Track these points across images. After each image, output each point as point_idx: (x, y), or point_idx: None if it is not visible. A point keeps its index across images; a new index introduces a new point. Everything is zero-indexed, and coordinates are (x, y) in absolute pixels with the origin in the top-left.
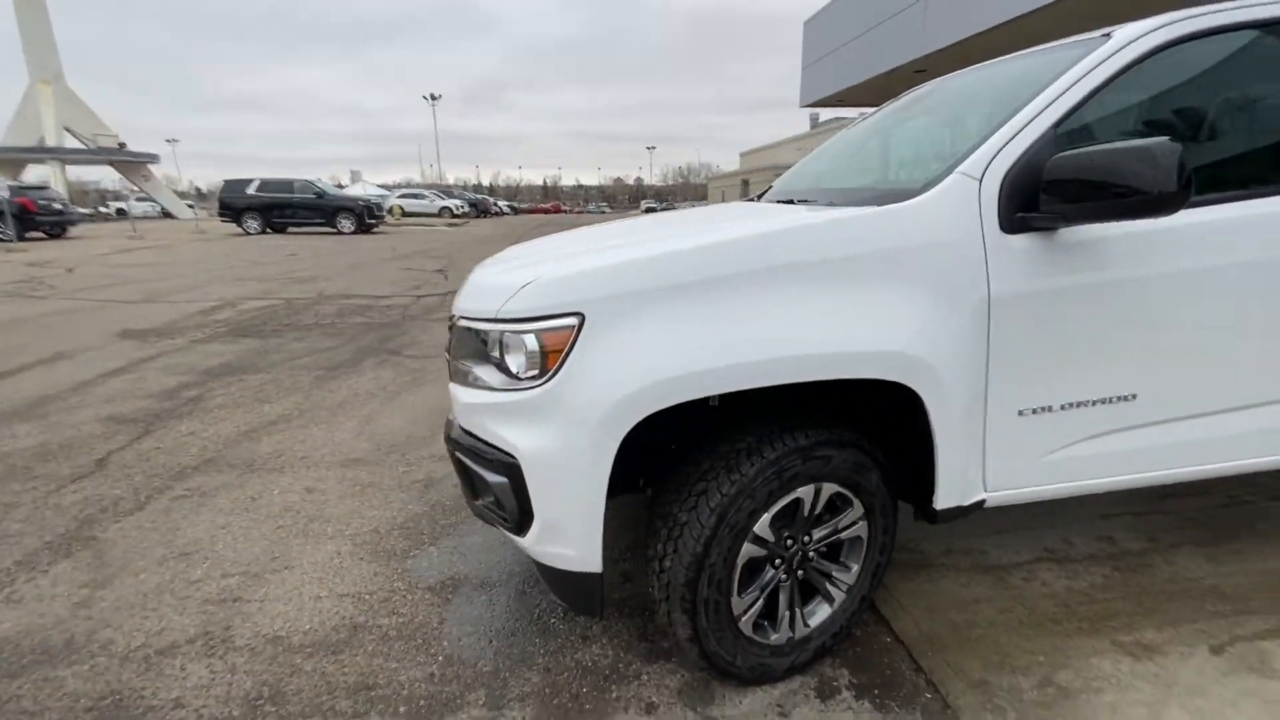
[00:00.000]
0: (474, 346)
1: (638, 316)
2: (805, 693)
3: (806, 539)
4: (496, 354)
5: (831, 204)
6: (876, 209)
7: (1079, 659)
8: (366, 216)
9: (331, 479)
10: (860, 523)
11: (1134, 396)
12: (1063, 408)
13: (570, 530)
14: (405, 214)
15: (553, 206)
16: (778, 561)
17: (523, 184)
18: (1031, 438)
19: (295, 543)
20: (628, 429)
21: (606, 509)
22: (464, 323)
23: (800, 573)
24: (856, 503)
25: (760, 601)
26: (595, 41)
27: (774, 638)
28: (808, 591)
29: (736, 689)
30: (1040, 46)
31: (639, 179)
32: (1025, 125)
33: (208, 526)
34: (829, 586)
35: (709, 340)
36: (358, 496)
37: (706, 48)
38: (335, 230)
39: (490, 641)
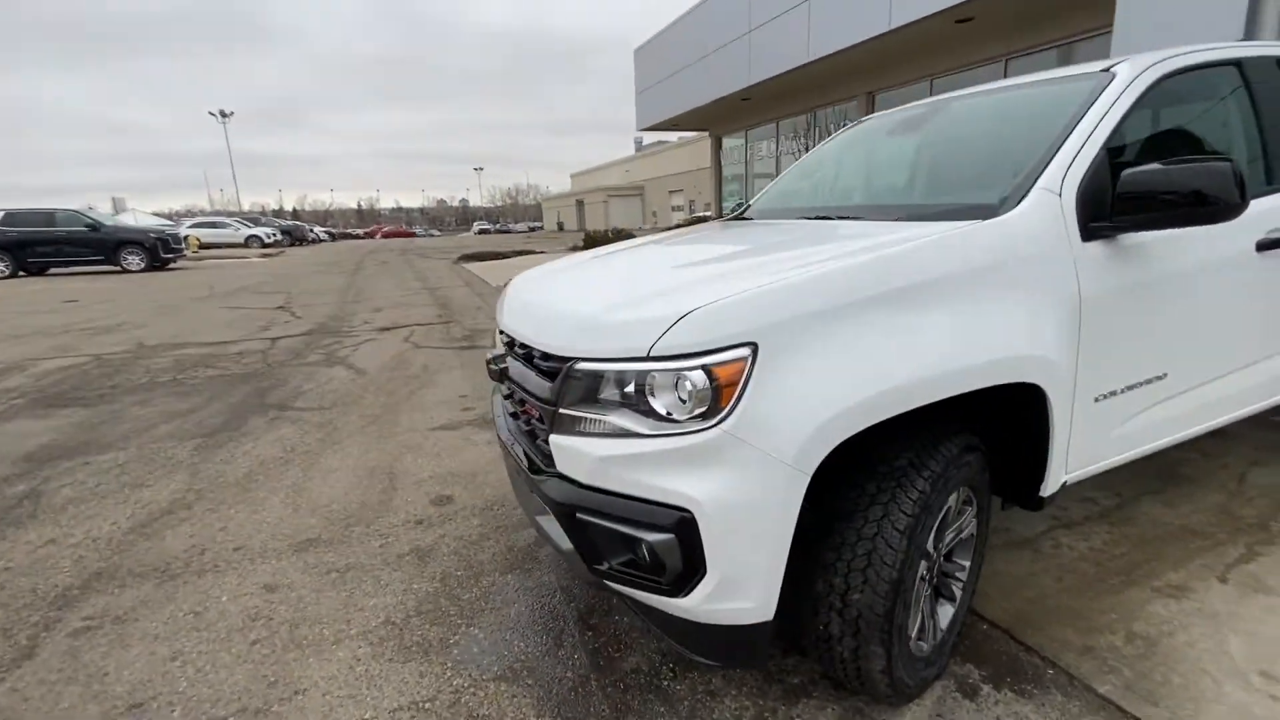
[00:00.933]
0: (602, 391)
1: (808, 342)
2: (951, 695)
3: (942, 544)
4: (642, 396)
5: (899, 219)
6: (981, 223)
7: (1139, 609)
8: (161, 250)
9: (292, 570)
10: (973, 520)
11: (1165, 375)
12: (1124, 390)
13: (751, 581)
14: (202, 245)
15: (396, 230)
16: (928, 571)
17: (334, 207)
18: (1102, 419)
19: (290, 658)
20: (819, 461)
21: None
22: (588, 366)
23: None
24: (975, 502)
25: (920, 616)
26: (409, 60)
27: (925, 648)
28: (935, 596)
29: (891, 709)
30: (1037, 76)
31: (464, 200)
32: (1082, 146)
33: (150, 661)
34: (952, 586)
35: (882, 361)
36: (339, 586)
37: (528, 70)
38: (119, 269)
39: None
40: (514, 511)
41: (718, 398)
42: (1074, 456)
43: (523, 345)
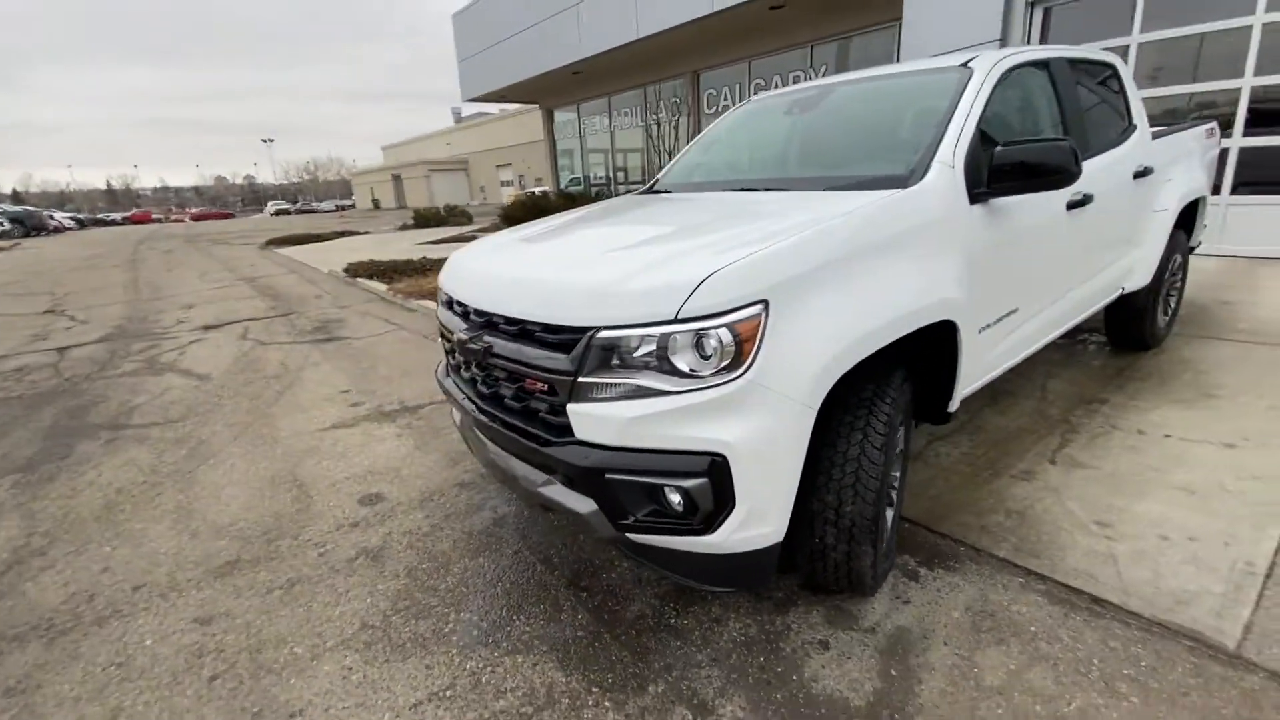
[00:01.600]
0: (625, 356)
1: (804, 295)
2: (901, 580)
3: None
4: (665, 357)
5: (825, 189)
6: (904, 191)
7: (1006, 492)
8: None
9: (222, 597)
10: (902, 438)
11: (1017, 310)
12: (995, 322)
13: (771, 508)
14: None
15: (208, 213)
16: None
17: (74, 188)
18: (983, 347)
19: (266, 684)
20: (823, 397)
21: None
22: (612, 334)
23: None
24: (904, 423)
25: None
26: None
27: (883, 546)
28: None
29: (861, 600)
30: (906, 66)
31: (250, 178)
32: (964, 125)
33: None
34: (892, 492)
35: (861, 306)
36: (289, 603)
37: (319, 28)
38: None
39: (640, 664)
40: (456, 499)
41: (740, 352)
42: (964, 379)
43: (513, 321)
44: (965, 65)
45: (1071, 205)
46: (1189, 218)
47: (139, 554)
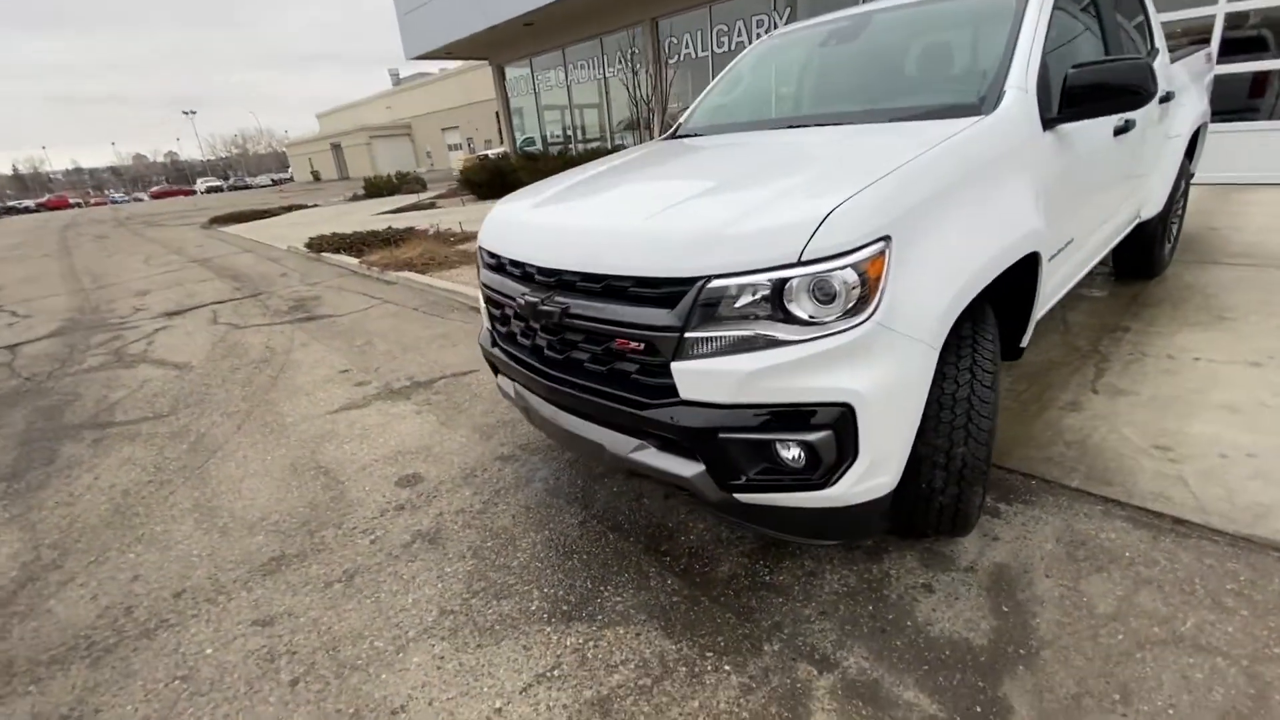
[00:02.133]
0: (739, 305)
1: (921, 229)
2: (986, 519)
3: None
4: (781, 304)
5: (894, 119)
6: (985, 118)
7: (1059, 423)
8: None
9: (277, 595)
10: None
11: (1073, 239)
12: (1059, 251)
13: (891, 457)
14: None
15: (169, 190)
16: None
17: None
18: (1049, 277)
19: (355, 683)
20: (945, 336)
21: None
22: (725, 282)
23: None
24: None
25: None
26: None
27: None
28: None
29: (951, 541)
30: None
31: (173, 154)
32: (1030, 50)
33: None
34: None
35: (972, 240)
36: (354, 595)
37: None
38: None
39: (748, 624)
40: (501, 474)
41: (866, 293)
42: (1037, 313)
43: (596, 277)
44: None
45: (1118, 131)
46: (1193, 144)
47: (169, 558)
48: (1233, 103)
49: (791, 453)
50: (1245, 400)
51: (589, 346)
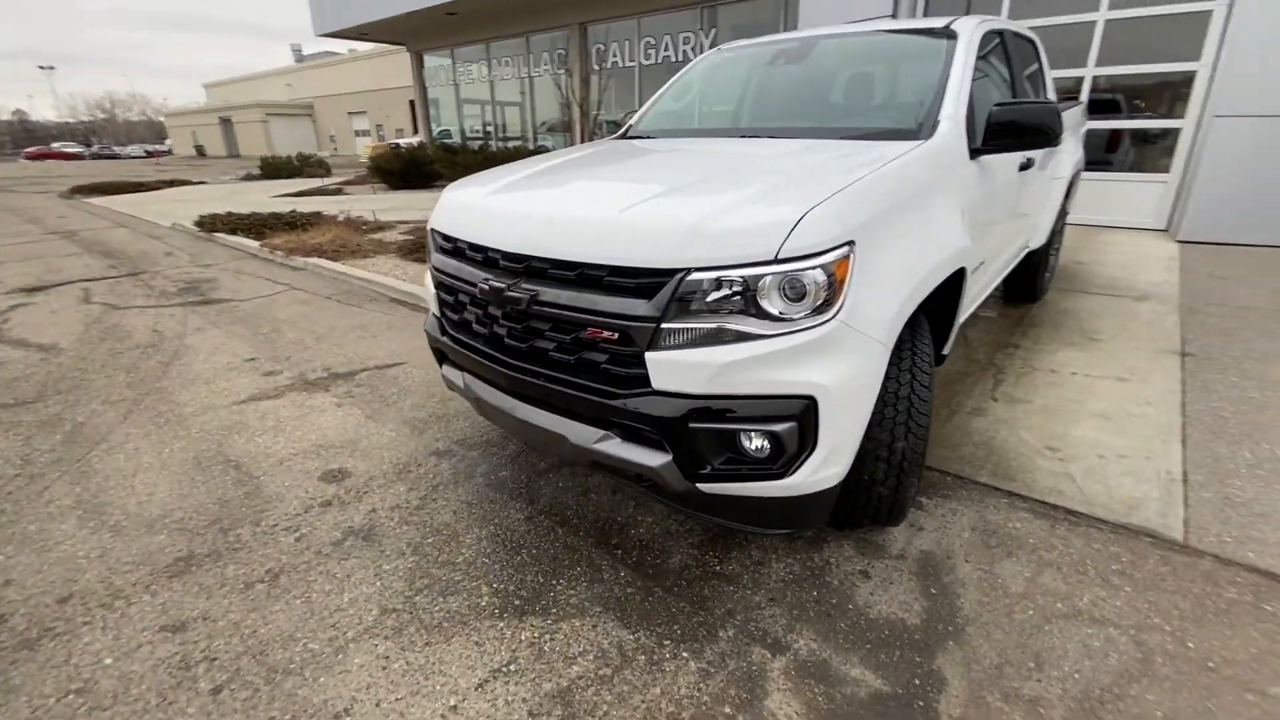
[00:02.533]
0: (715, 299)
1: (879, 237)
2: (911, 512)
3: None
4: (754, 300)
5: (844, 138)
6: (925, 142)
7: (969, 426)
8: None
9: (190, 599)
10: None
11: (985, 261)
12: (973, 271)
13: (845, 448)
14: None
15: (49, 152)
16: None
17: None
18: (969, 290)
19: (290, 687)
20: (897, 337)
21: None
22: (704, 275)
23: None
24: None
25: None
26: None
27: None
28: None
29: (881, 531)
30: (890, 24)
31: (21, 113)
32: (960, 87)
33: None
34: None
35: (920, 250)
36: (281, 597)
37: None
38: None
39: (702, 612)
40: (438, 469)
41: (832, 293)
42: (957, 324)
43: (569, 264)
44: (948, 29)
45: (1021, 168)
46: (1070, 187)
47: (49, 560)
48: (1093, 154)
49: (756, 443)
50: (1115, 409)
51: (556, 335)
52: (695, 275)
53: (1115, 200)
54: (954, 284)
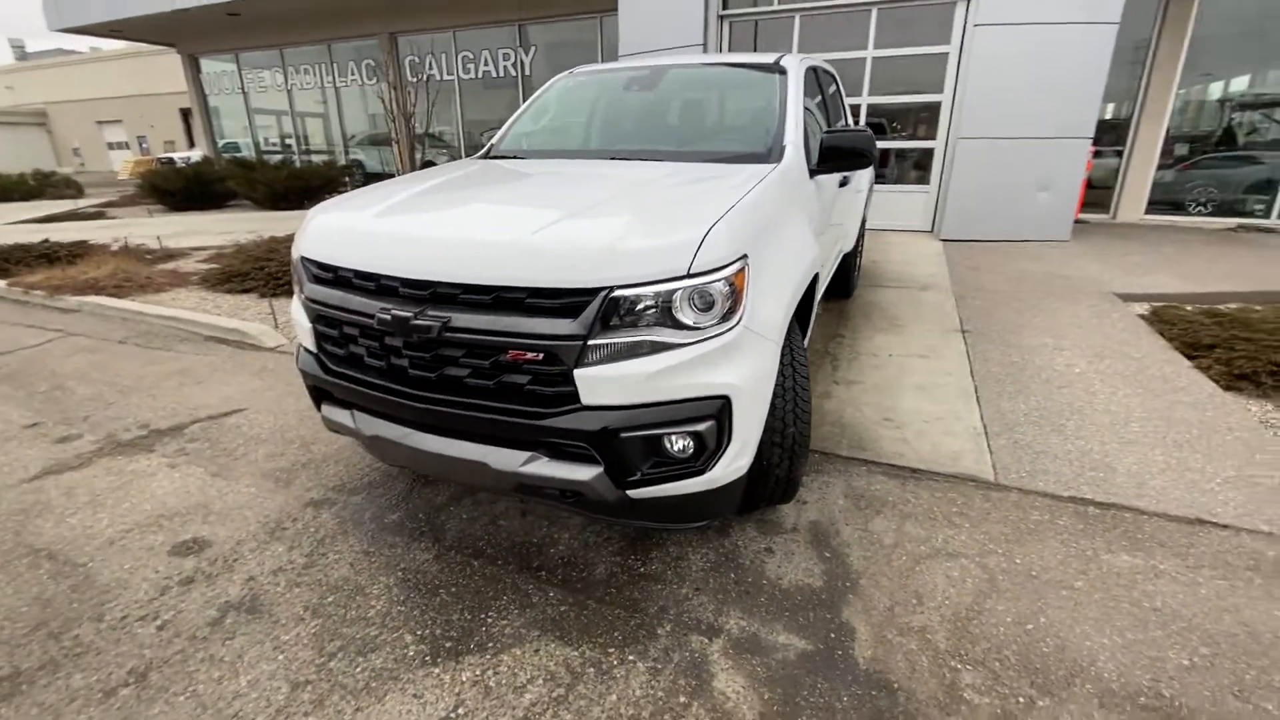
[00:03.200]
0: (636, 313)
1: (762, 249)
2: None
3: None
4: (669, 312)
5: (705, 160)
6: (778, 165)
7: (822, 408)
8: None
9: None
10: None
11: (823, 265)
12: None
13: (751, 439)
14: None
15: None
16: None
17: None
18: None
19: None
20: (784, 336)
21: None
22: (627, 292)
23: None
24: None
25: None
26: None
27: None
28: None
29: (773, 510)
30: (727, 57)
31: None
32: (798, 116)
33: None
34: None
35: (792, 259)
36: (159, 698)
37: None
38: None
39: (637, 615)
40: (317, 520)
41: (735, 302)
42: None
43: (484, 289)
44: (778, 64)
45: (842, 183)
46: (868, 198)
47: None
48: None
49: (680, 444)
50: (926, 381)
51: (472, 361)
52: (619, 292)
53: (893, 208)
54: (810, 285)
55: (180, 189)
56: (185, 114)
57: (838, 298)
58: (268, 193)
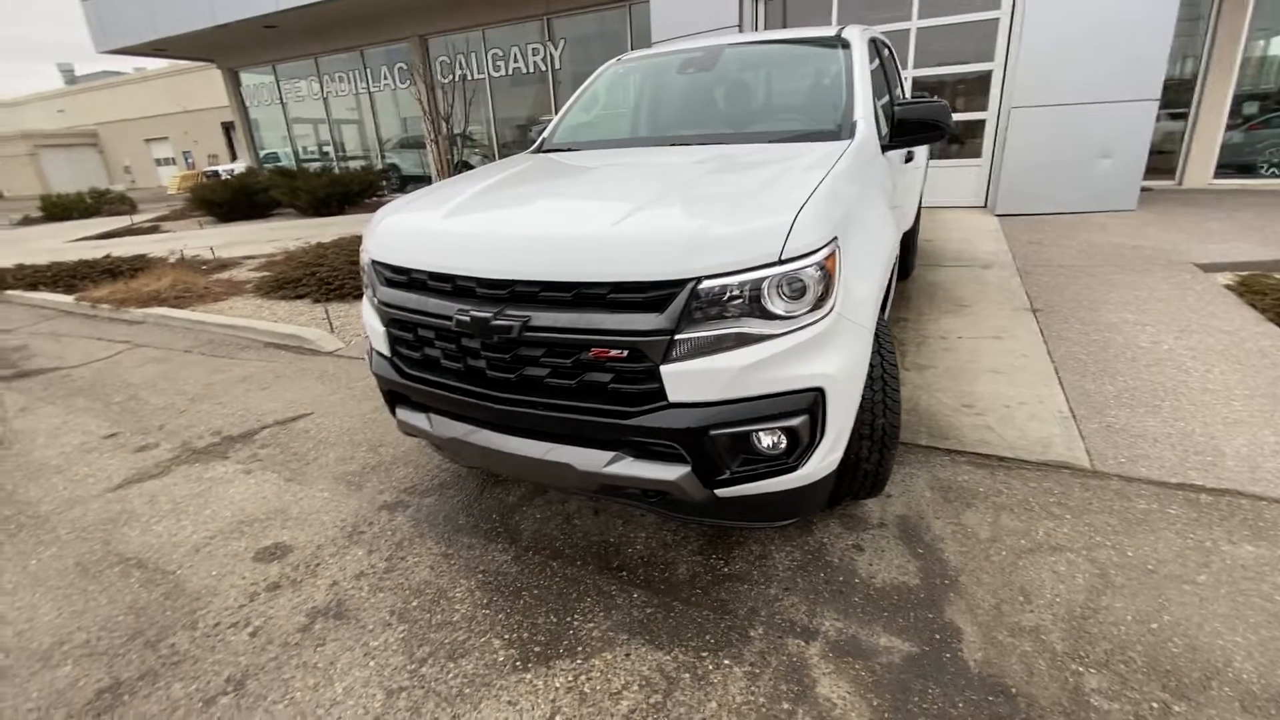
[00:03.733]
0: (725, 304)
1: (850, 231)
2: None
3: None
4: (758, 302)
5: (776, 140)
6: (851, 140)
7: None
8: None
9: None
10: None
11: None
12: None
13: (844, 432)
14: None
15: None
16: None
17: None
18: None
19: None
20: (876, 323)
21: None
22: (715, 283)
23: None
24: None
25: None
26: None
27: None
28: None
29: (857, 505)
30: (786, 33)
31: None
32: (865, 90)
33: None
34: None
35: (877, 238)
36: (258, 706)
37: None
38: None
39: (727, 616)
40: (393, 523)
41: (828, 288)
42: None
43: (566, 285)
44: (840, 37)
45: (906, 159)
46: (924, 175)
47: None
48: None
49: (771, 440)
50: (1002, 364)
51: (554, 360)
52: (707, 283)
53: (943, 183)
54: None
55: (227, 200)
56: (227, 128)
57: (898, 278)
58: (310, 200)
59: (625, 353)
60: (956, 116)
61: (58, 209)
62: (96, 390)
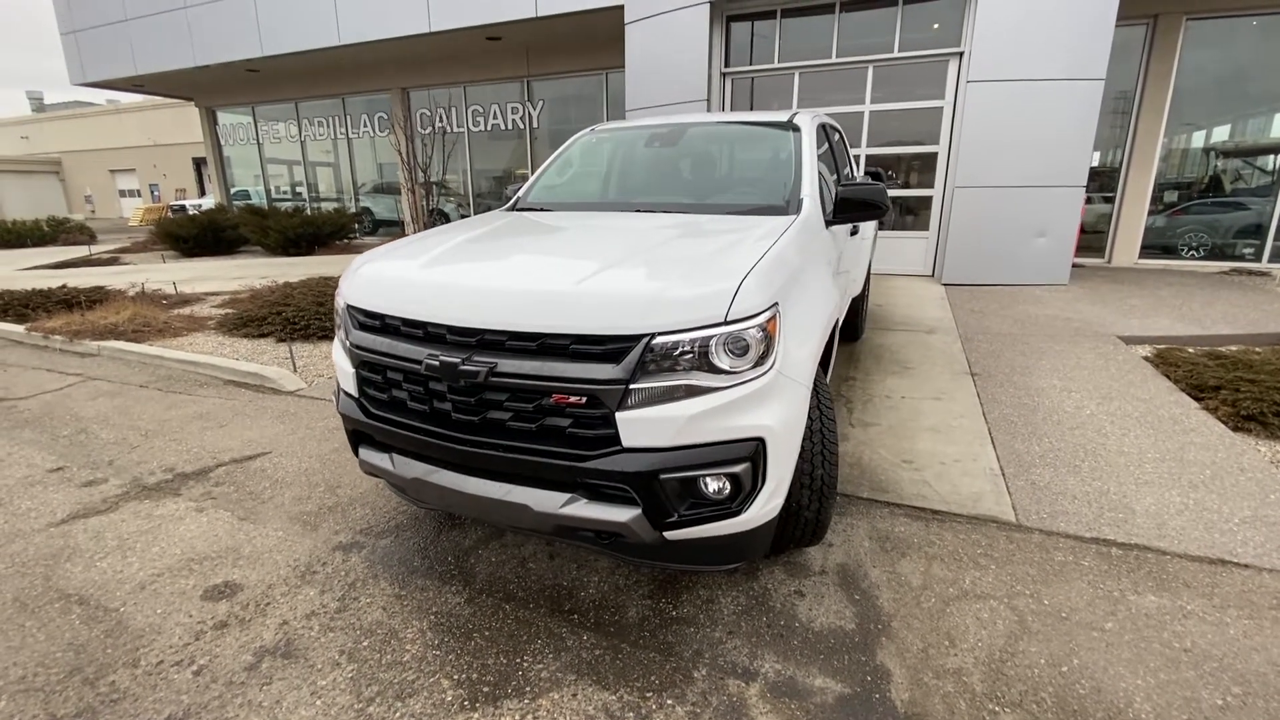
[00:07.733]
0: (676, 359)
1: (790, 297)
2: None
3: None
4: (706, 358)
5: (729, 213)
6: (797, 215)
7: (845, 450)
8: None
9: None
10: None
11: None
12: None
13: (784, 480)
14: None
15: None
16: None
17: None
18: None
19: None
20: (813, 380)
21: None
22: (667, 339)
23: None
24: None
25: None
26: None
27: None
28: None
29: (799, 552)
30: (743, 116)
31: None
32: (812, 169)
33: None
34: None
35: (816, 305)
36: None
37: None
38: None
39: (672, 658)
40: (348, 564)
41: (768, 347)
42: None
43: (531, 336)
44: (791, 121)
45: (852, 233)
46: (873, 245)
47: None
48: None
49: (716, 485)
50: (941, 423)
51: (516, 405)
52: (660, 338)
53: (894, 252)
54: (832, 330)
55: (193, 235)
56: (198, 162)
57: (847, 341)
58: (279, 239)
59: (584, 399)
60: (908, 192)
61: (11, 235)
62: (44, 423)
